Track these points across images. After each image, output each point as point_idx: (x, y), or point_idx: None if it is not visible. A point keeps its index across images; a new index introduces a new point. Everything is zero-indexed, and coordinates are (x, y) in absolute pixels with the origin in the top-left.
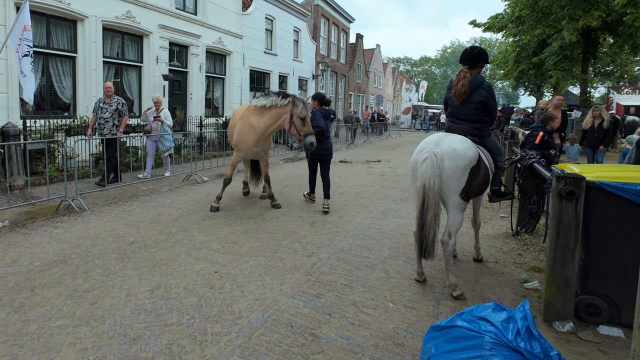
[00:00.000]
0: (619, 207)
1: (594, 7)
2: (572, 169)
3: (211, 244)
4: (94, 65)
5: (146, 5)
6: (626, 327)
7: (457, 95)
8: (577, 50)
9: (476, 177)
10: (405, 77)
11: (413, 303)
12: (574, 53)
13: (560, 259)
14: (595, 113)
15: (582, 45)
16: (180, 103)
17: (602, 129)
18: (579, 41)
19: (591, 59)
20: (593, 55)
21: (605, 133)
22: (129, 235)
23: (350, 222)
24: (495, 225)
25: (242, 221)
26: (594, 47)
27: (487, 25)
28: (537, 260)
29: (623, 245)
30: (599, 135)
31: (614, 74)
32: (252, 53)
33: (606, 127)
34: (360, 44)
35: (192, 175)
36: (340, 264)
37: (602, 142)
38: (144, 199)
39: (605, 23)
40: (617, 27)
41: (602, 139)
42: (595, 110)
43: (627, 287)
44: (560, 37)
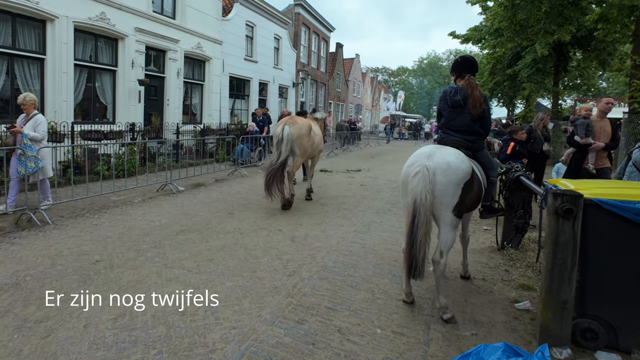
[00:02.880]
0: (618, 226)
1: (568, 22)
2: (566, 185)
3: (184, 262)
4: (65, 68)
5: (122, 7)
6: (624, 352)
7: (475, 104)
8: (549, 64)
9: (469, 192)
10: (383, 87)
11: (402, 328)
12: (547, 66)
13: (557, 281)
14: None
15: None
16: (156, 109)
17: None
18: (551, 55)
19: (562, 72)
20: (564, 69)
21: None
22: (94, 253)
23: (333, 236)
24: (479, 239)
25: (218, 236)
26: (565, 61)
27: (466, 37)
28: (525, 277)
29: (621, 266)
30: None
31: (582, 88)
32: (232, 59)
33: None
34: (340, 53)
35: (167, 185)
36: (323, 283)
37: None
38: (114, 210)
39: (576, 38)
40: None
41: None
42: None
43: (625, 310)
44: (533, 50)
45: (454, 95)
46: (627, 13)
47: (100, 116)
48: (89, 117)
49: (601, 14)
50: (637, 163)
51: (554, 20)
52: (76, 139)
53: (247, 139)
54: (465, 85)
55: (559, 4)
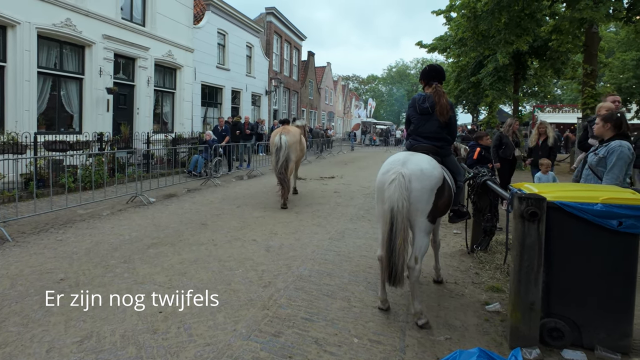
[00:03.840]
0: (578, 227)
1: (525, 33)
2: (530, 189)
3: (156, 277)
4: (27, 76)
5: (89, 14)
6: (588, 349)
7: (442, 112)
8: (509, 72)
9: (441, 197)
10: (354, 94)
11: (378, 336)
12: (507, 74)
13: (525, 283)
14: (540, 130)
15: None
16: (126, 118)
17: (547, 146)
18: (511, 63)
19: (521, 80)
20: (523, 77)
21: (550, 150)
22: (58, 271)
23: (308, 244)
24: (450, 243)
25: (191, 248)
26: (523, 70)
27: (432, 46)
28: (495, 279)
29: (582, 265)
30: (543, 153)
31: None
32: (204, 67)
33: (551, 144)
34: (312, 61)
35: (137, 197)
36: (299, 294)
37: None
38: (81, 225)
39: (533, 48)
40: (543, 52)
41: (548, 156)
42: (540, 127)
43: (587, 309)
44: (494, 59)
45: (422, 102)
46: (577, 25)
47: (65, 126)
48: (54, 127)
49: (555, 25)
50: (592, 166)
51: (513, 31)
52: (39, 150)
53: (205, 148)
54: (433, 93)
55: (516, 16)
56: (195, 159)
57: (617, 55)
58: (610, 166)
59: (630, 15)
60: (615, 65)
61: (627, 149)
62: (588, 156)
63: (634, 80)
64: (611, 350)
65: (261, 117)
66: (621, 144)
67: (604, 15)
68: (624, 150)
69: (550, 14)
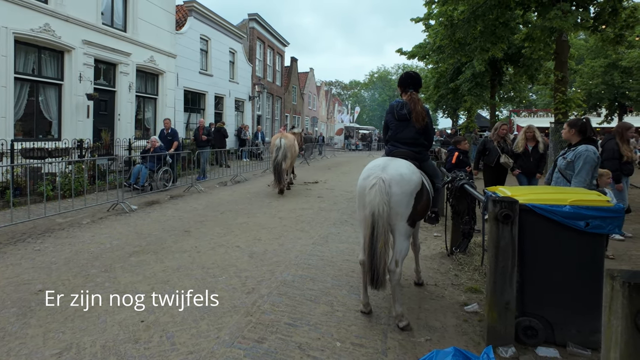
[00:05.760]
0: (549, 228)
1: (500, 40)
2: (504, 192)
3: (138, 285)
4: (4, 81)
5: (68, 19)
6: (560, 346)
7: (418, 118)
8: (486, 78)
9: (420, 201)
10: (337, 100)
11: (361, 339)
12: (484, 80)
13: (500, 283)
14: (528, 135)
15: (490, 73)
16: (106, 124)
17: (538, 153)
18: (487, 70)
19: (498, 85)
20: (499, 83)
21: (541, 157)
22: (36, 282)
23: (291, 249)
24: (430, 245)
25: (174, 255)
26: (499, 76)
27: (412, 53)
28: (473, 281)
29: (552, 265)
30: (535, 159)
31: (515, 100)
32: (186, 73)
33: (542, 150)
34: (295, 67)
35: (118, 204)
36: (283, 299)
37: (538, 168)
38: (60, 234)
39: (507, 55)
40: (517, 59)
41: (538, 164)
42: (528, 132)
43: (558, 307)
44: (472, 66)
45: (400, 109)
46: (548, 34)
47: (44, 133)
48: (32, 134)
49: (527, 33)
50: (561, 170)
51: (488, 38)
52: (16, 157)
53: (150, 157)
54: (409, 100)
55: (491, 24)
56: (138, 169)
57: (586, 62)
58: (578, 169)
59: (597, 24)
60: (585, 71)
61: (593, 153)
62: (557, 160)
63: (602, 86)
64: (582, 346)
65: (245, 123)
66: (587, 148)
67: (572, 24)
68: (590, 154)
69: (523, 23)
